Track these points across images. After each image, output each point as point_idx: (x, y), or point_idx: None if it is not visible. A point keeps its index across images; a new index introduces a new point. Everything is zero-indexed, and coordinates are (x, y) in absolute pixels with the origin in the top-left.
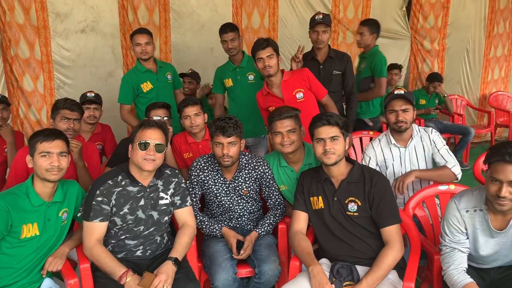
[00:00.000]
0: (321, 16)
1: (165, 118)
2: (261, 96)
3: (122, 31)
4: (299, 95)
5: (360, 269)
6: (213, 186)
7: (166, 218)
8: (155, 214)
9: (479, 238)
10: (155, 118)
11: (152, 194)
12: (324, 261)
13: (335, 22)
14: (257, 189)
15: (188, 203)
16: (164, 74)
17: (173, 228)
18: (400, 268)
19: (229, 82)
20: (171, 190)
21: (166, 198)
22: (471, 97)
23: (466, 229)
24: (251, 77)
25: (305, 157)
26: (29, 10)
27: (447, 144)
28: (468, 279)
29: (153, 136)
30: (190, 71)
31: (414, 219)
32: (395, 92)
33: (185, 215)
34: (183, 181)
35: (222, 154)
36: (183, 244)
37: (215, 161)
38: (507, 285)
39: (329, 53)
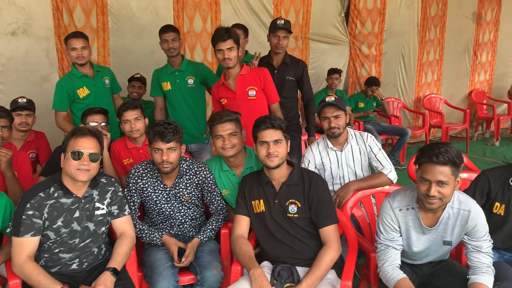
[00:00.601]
0: (282, 22)
1: (103, 124)
2: (216, 86)
3: (57, 34)
4: (252, 92)
5: (300, 270)
6: (152, 194)
7: (103, 228)
8: (91, 226)
9: (411, 235)
10: (91, 124)
11: (87, 205)
12: (266, 263)
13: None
14: (199, 195)
15: (126, 212)
16: (101, 79)
17: (112, 238)
18: (339, 267)
19: (167, 86)
20: (108, 200)
21: (103, 208)
22: (407, 99)
23: (399, 227)
24: (190, 81)
25: (246, 160)
26: None
27: (385, 144)
28: (401, 275)
29: (86, 145)
30: (139, 75)
31: (352, 219)
32: (326, 100)
33: (124, 225)
34: (120, 189)
35: (162, 161)
36: (122, 254)
37: (155, 168)
38: (438, 279)
39: (284, 58)
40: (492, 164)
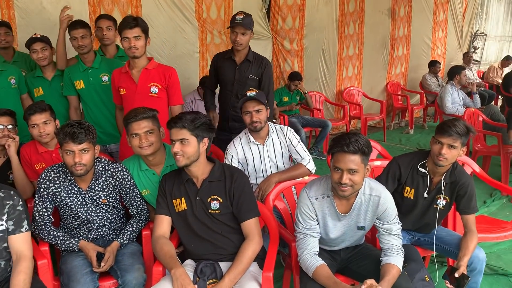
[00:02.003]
0: (241, 17)
1: (9, 127)
2: (118, 73)
3: None
4: (154, 89)
5: (223, 265)
6: (66, 198)
7: (4, 244)
8: None
9: (328, 222)
10: None
11: None
12: (189, 262)
13: (200, 22)
14: (117, 197)
15: (23, 229)
16: (6, 79)
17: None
18: (261, 259)
19: (80, 84)
20: (5, 215)
21: (2, 224)
22: (329, 93)
23: (316, 215)
24: (105, 78)
25: (166, 158)
26: None
27: (309, 137)
28: (320, 262)
29: None
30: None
31: (276, 211)
32: (248, 94)
33: (20, 244)
34: (21, 203)
35: (74, 163)
36: (21, 285)
37: (67, 171)
38: (354, 263)
39: (247, 56)
40: (407, 151)
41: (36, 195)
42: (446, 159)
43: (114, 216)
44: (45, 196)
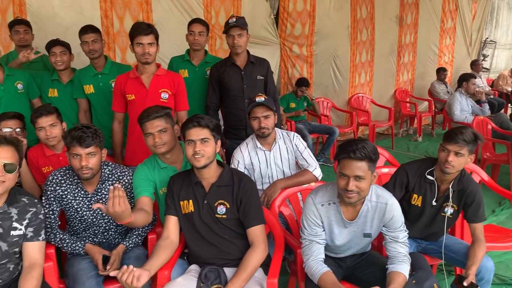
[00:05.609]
0: (234, 19)
1: (18, 130)
2: (125, 78)
3: None
4: (164, 95)
5: (228, 271)
6: (73, 201)
7: (16, 249)
8: (3, 246)
9: (334, 229)
10: (5, 130)
11: (2, 223)
12: (193, 267)
13: (210, 28)
14: None
15: (41, 238)
16: (12, 84)
17: None
18: (266, 265)
19: (90, 89)
20: (27, 221)
21: (20, 229)
22: (341, 99)
23: (322, 222)
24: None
25: (184, 155)
26: None
27: (316, 143)
28: (325, 268)
29: (2, 155)
30: (19, 17)
31: (282, 218)
32: (256, 100)
33: (35, 252)
34: (43, 212)
35: (81, 167)
36: None
37: (74, 174)
38: (360, 270)
39: (249, 58)
40: (415, 158)
41: (43, 198)
42: (453, 166)
43: None
44: (52, 199)
